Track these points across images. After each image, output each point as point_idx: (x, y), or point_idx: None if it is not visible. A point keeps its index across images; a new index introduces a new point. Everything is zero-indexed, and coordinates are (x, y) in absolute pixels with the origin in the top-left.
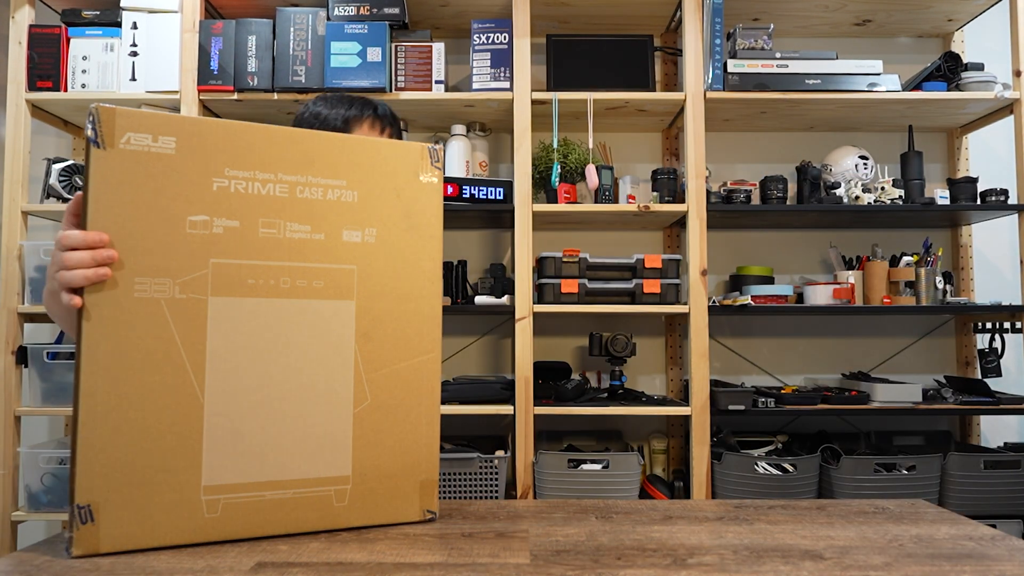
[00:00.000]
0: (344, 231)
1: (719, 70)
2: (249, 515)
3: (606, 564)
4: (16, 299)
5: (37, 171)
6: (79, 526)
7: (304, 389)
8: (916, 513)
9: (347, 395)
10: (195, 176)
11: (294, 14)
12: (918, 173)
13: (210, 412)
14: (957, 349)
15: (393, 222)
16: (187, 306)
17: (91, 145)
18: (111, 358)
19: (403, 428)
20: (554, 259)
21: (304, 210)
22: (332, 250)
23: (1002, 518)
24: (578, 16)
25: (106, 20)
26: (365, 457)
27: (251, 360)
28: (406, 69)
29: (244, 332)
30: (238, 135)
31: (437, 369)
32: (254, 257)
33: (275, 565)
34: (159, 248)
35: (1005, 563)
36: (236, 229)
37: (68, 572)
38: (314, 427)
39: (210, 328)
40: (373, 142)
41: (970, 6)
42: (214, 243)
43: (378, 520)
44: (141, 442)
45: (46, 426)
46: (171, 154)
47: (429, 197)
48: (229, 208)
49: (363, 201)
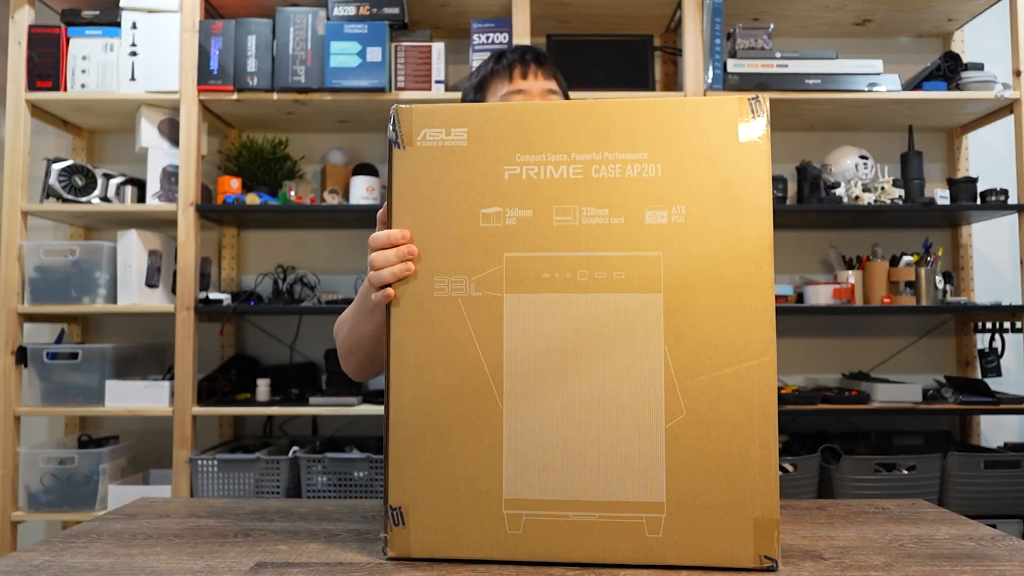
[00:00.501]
0: (647, 212)
1: (719, 70)
2: (553, 537)
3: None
4: (16, 299)
5: (37, 171)
6: (392, 528)
7: (607, 397)
8: (916, 513)
9: (657, 407)
10: (487, 166)
11: (294, 14)
12: (918, 173)
13: (509, 420)
14: (957, 349)
15: (706, 196)
16: (483, 304)
17: (392, 146)
18: (416, 358)
19: (728, 450)
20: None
21: (600, 192)
22: (633, 235)
23: (1002, 518)
24: (578, 16)
25: (106, 20)
26: (681, 482)
27: (548, 363)
28: (406, 69)
29: (540, 332)
30: (528, 117)
31: (771, 377)
32: (549, 249)
33: (275, 565)
34: (455, 245)
35: (1005, 563)
36: (529, 219)
37: (68, 572)
38: (620, 442)
39: (506, 328)
40: (677, 103)
41: (970, 6)
42: (508, 236)
43: (700, 560)
44: (444, 447)
45: (46, 426)
46: (463, 146)
47: (752, 160)
48: (521, 197)
49: (668, 174)
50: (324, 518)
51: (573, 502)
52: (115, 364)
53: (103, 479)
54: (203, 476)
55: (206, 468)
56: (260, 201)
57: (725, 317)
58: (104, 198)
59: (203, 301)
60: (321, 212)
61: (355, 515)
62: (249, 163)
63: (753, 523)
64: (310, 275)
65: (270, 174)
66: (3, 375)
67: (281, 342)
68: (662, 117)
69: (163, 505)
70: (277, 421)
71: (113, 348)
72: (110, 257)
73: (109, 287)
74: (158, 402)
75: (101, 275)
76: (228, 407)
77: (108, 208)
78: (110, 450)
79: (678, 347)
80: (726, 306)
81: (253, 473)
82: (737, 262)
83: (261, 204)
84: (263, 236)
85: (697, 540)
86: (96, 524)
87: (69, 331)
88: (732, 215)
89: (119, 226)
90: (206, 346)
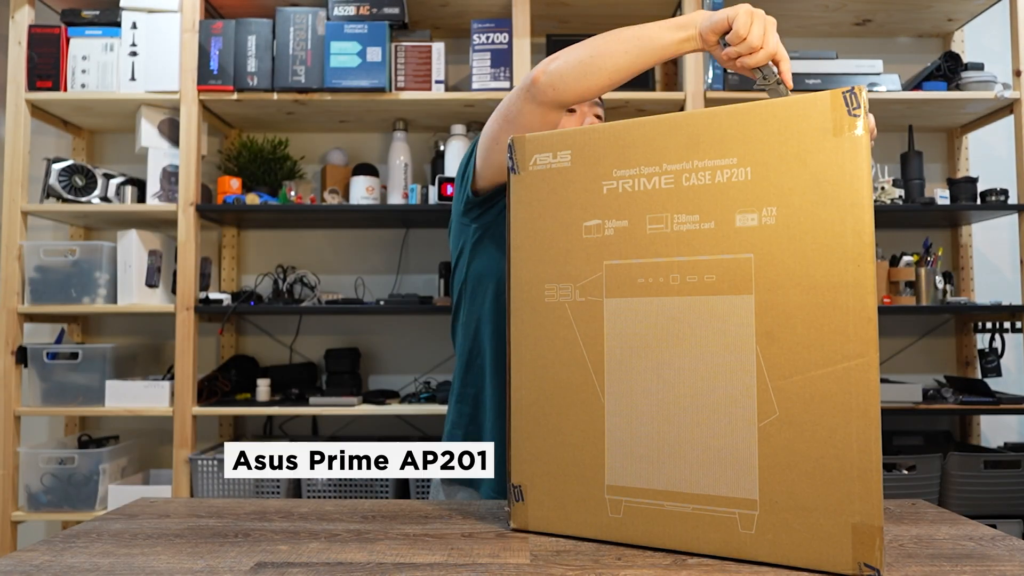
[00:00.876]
0: (737, 215)
1: (719, 70)
2: (650, 523)
3: (606, 564)
4: (16, 299)
5: (37, 171)
6: (514, 503)
7: (700, 395)
8: (916, 513)
9: (749, 405)
10: (587, 183)
11: (294, 14)
12: (918, 173)
13: (610, 412)
14: (957, 349)
15: (798, 195)
16: (586, 309)
17: (509, 173)
18: (531, 357)
19: (824, 451)
20: None
21: (691, 199)
22: (724, 239)
23: (1002, 518)
24: (578, 16)
25: (106, 20)
26: (774, 481)
27: (645, 362)
28: (406, 69)
29: (637, 333)
30: (622, 134)
31: (871, 379)
32: (643, 255)
33: (275, 565)
34: (562, 256)
35: (1005, 563)
36: (625, 229)
37: (68, 572)
38: (713, 438)
39: (606, 329)
40: (767, 105)
41: (970, 6)
42: (607, 245)
43: (794, 560)
44: (556, 435)
45: (46, 426)
46: (568, 166)
47: (849, 155)
48: (618, 209)
49: (758, 177)
50: (324, 518)
51: (668, 492)
52: (115, 364)
53: (103, 479)
54: (203, 476)
55: (206, 468)
56: (260, 201)
57: (820, 317)
58: (104, 198)
59: (203, 301)
60: (321, 212)
61: (355, 515)
62: (249, 163)
63: (851, 528)
64: (310, 275)
65: (270, 174)
66: (3, 375)
67: (281, 342)
68: (752, 122)
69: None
70: (277, 421)
71: (113, 348)
72: (110, 257)
73: (109, 287)
74: (158, 402)
75: (101, 275)
76: (228, 407)
77: (108, 208)
78: (110, 450)
79: (770, 347)
80: (820, 305)
81: None
82: (832, 260)
83: (261, 204)
84: (263, 236)
85: (791, 540)
86: (96, 524)
87: (69, 331)
88: (827, 212)
89: (119, 226)
90: (206, 346)
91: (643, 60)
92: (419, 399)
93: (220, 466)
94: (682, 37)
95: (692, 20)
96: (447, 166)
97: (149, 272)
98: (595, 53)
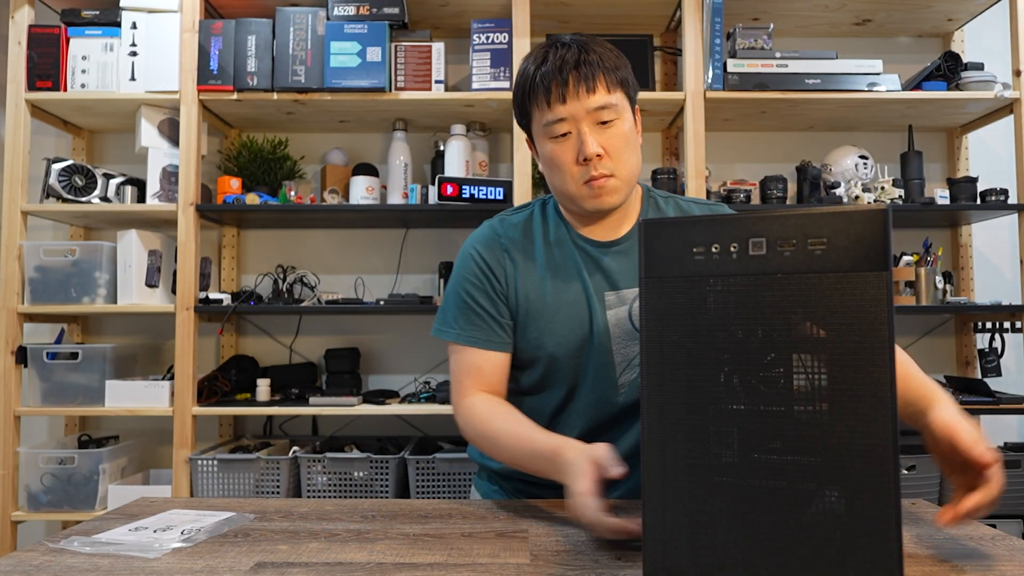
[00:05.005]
0: None
1: (719, 70)
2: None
3: (606, 564)
4: (16, 299)
5: (37, 171)
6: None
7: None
8: (916, 513)
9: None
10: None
11: (294, 14)
12: (918, 173)
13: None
14: (957, 349)
15: None
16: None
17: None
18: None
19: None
20: None
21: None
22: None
23: (1002, 518)
24: (578, 16)
25: (106, 20)
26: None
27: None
28: (406, 69)
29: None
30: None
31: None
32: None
33: (275, 565)
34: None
35: (1005, 563)
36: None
37: (68, 572)
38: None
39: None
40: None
41: (970, 6)
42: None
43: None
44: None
45: (46, 426)
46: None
47: None
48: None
49: None
50: (324, 518)
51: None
52: (115, 364)
53: (103, 479)
54: (203, 476)
55: (206, 468)
56: (260, 201)
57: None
58: (104, 198)
59: (203, 301)
60: (321, 212)
61: (355, 515)
62: (249, 163)
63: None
64: (310, 275)
65: (270, 174)
66: (3, 375)
67: (281, 342)
68: None
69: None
70: (277, 421)
71: (113, 348)
72: (110, 257)
73: (109, 287)
74: (158, 402)
75: (101, 275)
76: (228, 407)
77: (108, 208)
78: (110, 450)
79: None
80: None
81: (253, 473)
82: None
83: (261, 204)
84: (263, 236)
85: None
86: (96, 524)
87: (69, 331)
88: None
89: (119, 226)
90: (206, 346)
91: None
92: (419, 399)
93: (220, 466)
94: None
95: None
96: (447, 166)
97: (149, 272)
98: (489, 448)
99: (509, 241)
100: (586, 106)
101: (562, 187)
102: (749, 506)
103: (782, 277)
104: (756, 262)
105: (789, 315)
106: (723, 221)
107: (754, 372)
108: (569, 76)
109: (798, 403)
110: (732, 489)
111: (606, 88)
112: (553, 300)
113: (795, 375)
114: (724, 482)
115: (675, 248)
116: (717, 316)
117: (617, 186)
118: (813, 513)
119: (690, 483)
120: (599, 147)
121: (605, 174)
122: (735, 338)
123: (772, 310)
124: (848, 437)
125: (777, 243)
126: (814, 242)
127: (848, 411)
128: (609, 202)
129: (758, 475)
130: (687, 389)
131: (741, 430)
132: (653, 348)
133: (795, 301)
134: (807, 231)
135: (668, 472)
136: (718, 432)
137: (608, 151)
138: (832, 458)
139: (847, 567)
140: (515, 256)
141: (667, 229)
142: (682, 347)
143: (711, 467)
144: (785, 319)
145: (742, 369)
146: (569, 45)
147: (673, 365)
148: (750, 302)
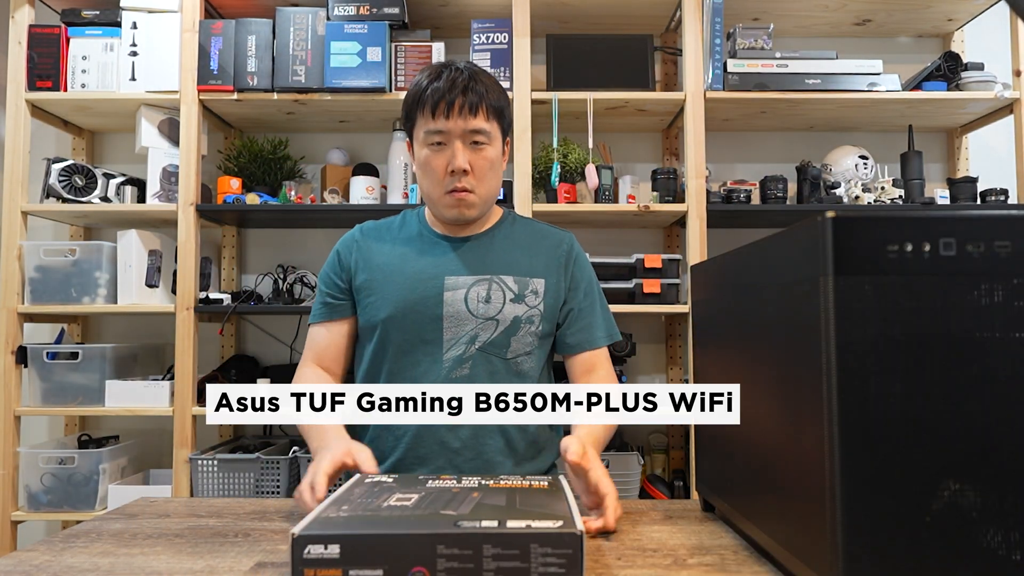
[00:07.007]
0: None
1: (719, 70)
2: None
3: (606, 564)
4: (16, 299)
5: (37, 171)
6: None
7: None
8: None
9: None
10: None
11: (294, 14)
12: (918, 173)
13: None
14: None
15: None
16: None
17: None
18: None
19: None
20: None
21: None
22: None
23: None
24: (578, 16)
25: (106, 20)
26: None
27: None
28: (406, 69)
29: None
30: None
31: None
32: None
33: (275, 565)
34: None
35: None
36: None
37: (68, 572)
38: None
39: None
40: None
41: (970, 6)
42: None
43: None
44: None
45: (46, 426)
46: None
47: None
48: None
49: None
50: None
51: None
52: (115, 364)
53: (103, 479)
54: (203, 476)
55: (206, 468)
56: (260, 201)
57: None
58: (104, 198)
59: (203, 301)
60: (321, 212)
61: None
62: (249, 163)
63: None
64: (310, 275)
65: (270, 174)
66: (3, 375)
67: (281, 342)
68: None
69: (163, 505)
70: None
71: (113, 348)
72: (110, 257)
73: (109, 287)
74: (158, 402)
75: (101, 275)
76: None
77: (108, 208)
78: (110, 450)
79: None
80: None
81: (253, 473)
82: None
83: (261, 204)
84: (263, 236)
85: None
86: (96, 524)
87: (69, 331)
88: None
89: (119, 226)
90: (206, 346)
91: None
92: None
93: (220, 466)
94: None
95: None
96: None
97: (149, 272)
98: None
99: (363, 233)
100: (464, 127)
101: (429, 190)
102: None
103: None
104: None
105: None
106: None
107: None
108: (456, 97)
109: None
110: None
111: (485, 116)
112: (395, 274)
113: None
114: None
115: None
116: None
117: (475, 202)
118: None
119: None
120: (467, 163)
121: (468, 188)
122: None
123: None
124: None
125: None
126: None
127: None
128: (466, 214)
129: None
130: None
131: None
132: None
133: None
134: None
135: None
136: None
137: (474, 169)
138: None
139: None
140: (365, 243)
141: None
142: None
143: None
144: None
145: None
146: (462, 70)
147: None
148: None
